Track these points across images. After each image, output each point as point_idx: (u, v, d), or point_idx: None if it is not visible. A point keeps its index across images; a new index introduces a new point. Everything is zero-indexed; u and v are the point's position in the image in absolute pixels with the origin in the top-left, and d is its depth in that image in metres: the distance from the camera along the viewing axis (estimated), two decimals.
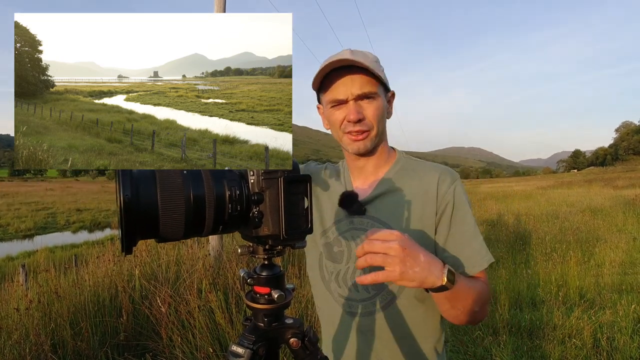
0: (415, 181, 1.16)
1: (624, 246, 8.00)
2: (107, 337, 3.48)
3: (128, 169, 0.58)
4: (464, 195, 1.13)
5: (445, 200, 1.11)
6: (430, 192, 1.13)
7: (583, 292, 5.32)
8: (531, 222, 10.75)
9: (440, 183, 1.13)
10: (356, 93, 1.09)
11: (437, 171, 1.16)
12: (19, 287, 4.53)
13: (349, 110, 1.11)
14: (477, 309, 1.01)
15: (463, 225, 1.10)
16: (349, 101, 1.11)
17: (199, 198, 0.61)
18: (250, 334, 0.74)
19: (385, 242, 0.85)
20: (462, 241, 1.10)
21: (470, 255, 1.09)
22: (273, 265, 0.76)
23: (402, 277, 0.84)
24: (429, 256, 0.89)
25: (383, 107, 1.14)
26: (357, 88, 1.09)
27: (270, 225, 0.67)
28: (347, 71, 1.09)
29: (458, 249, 1.10)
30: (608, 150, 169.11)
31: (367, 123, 1.12)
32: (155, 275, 4.26)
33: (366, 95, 1.10)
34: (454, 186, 1.13)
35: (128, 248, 0.58)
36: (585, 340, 3.79)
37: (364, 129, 1.12)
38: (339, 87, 1.11)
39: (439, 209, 1.11)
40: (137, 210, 0.57)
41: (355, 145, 1.14)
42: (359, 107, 1.11)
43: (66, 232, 24.34)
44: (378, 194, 1.17)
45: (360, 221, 1.17)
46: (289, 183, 0.67)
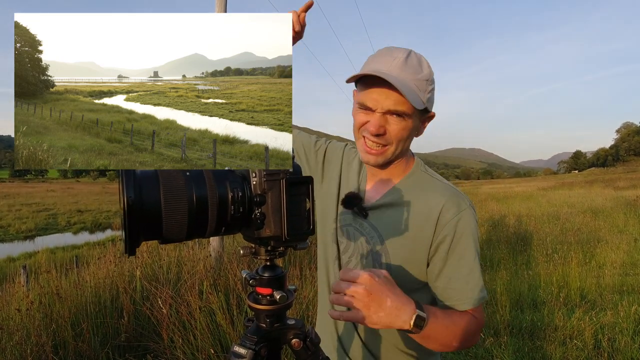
0: (421, 201, 1.12)
1: (625, 247, 8.00)
2: (108, 338, 3.48)
3: (129, 169, 0.58)
4: (468, 228, 1.08)
5: (445, 231, 1.07)
6: (431, 217, 1.09)
7: (584, 293, 5.32)
8: (532, 223, 10.74)
9: (443, 211, 1.08)
10: (387, 108, 1.03)
11: (444, 197, 1.10)
12: (20, 288, 4.53)
13: (372, 120, 1.05)
14: (456, 344, 1.00)
15: (460, 260, 1.07)
16: (376, 112, 1.05)
17: (201, 199, 0.62)
18: (252, 334, 0.75)
19: (353, 285, 0.88)
20: (457, 276, 1.06)
21: (462, 292, 1.05)
22: (275, 267, 0.76)
23: (365, 321, 0.88)
24: (398, 300, 0.89)
25: (412, 128, 1.08)
26: (391, 104, 1.02)
27: (272, 227, 0.67)
28: (388, 83, 0.99)
29: (451, 282, 1.07)
30: (609, 151, 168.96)
31: (387, 138, 1.06)
32: (157, 277, 4.27)
33: (397, 113, 1.04)
34: (457, 217, 1.07)
35: (131, 249, 0.58)
36: (586, 342, 3.79)
37: (382, 143, 1.07)
38: (373, 94, 1.04)
39: (436, 238, 1.08)
40: (141, 211, 0.57)
41: (366, 156, 1.11)
42: (384, 121, 1.05)
43: (67, 233, 24.39)
44: (383, 204, 1.15)
45: (360, 223, 1.18)
46: (290, 185, 0.67)
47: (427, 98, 1.06)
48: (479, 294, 1.06)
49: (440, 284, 1.08)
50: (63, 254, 11.41)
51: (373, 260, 1.14)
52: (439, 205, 1.08)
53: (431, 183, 1.16)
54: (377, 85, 1.02)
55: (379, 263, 1.13)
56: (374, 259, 1.14)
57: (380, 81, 1.00)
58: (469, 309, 1.05)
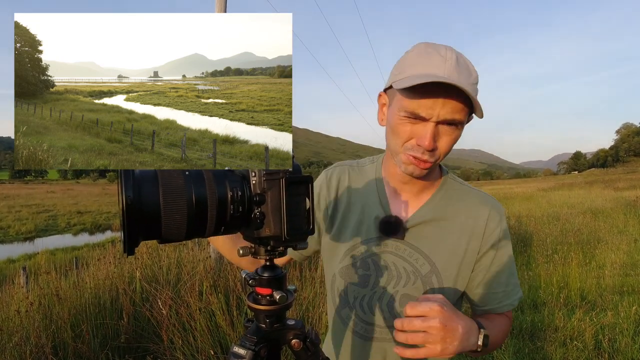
0: (463, 212, 1.08)
1: (625, 248, 8.00)
2: (107, 339, 3.48)
3: (129, 169, 0.58)
4: (507, 233, 1.09)
5: (491, 239, 1.06)
6: (478, 228, 1.06)
7: (584, 294, 5.32)
8: (532, 224, 10.74)
9: (489, 220, 1.07)
10: (443, 117, 0.91)
11: (487, 206, 1.08)
12: (20, 290, 4.53)
13: (424, 133, 0.93)
14: (496, 347, 1.05)
15: (501, 266, 1.07)
16: (429, 121, 0.92)
17: (201, 199, 0.62)
18: (252, 335, 0.74)
19: (425, 319, 0.82)
20: (499, 281, 1.07)
21: (503, 295, 1.07)
22: (275, 267, 0.76)
23: (442, 354, 0.83)
24: (466, 325, 0.87)
25: (459, 136, 0.98)
26: (448, 112, 0.90)
27: (271, 226, 0.67)
28: (444, 87, 0.88)
29: (493, 287, 1.07)
30: (609, 151, 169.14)
31: (437, 154, 0.96)
32: (156, 278, 4.27)
33: (452, 122, 0.92)
34: (501, 225, 1.08)
35: (130, 249, 0.58)
36: (586, 342, 3.79)
37: (430, 160, 0.96)
38: (428, 102, 0.90)
39: (482, 247, 1.06)
40: (140, 211, 0.57)
41: (412, 169, 0.98)
42: (437, 135, 0.94)
43: (67, 235, 24.38)
44: (421, 221, 1.07)
45: (396, 246, 1.07)
46: (290, 184, 0.67)
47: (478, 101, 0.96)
48: (517, 295, 1.09)
49: (482, 291, 1.08)
50: (63, 255, 11.41)
51: (423, 284, 1.05)
52: (484, 216, 1.07)
53: (466, 192, 1.12)
54: (433, 92, 0.89)
55: (431, 286, 1.05)
56: (425, 283, 1.05)
57: (435, 87, 0.88)
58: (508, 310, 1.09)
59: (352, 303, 1.11)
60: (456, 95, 0.89)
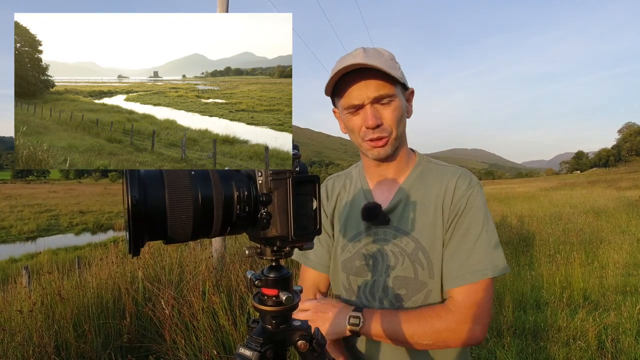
0: (434, 187, 1.12)
1: (627, 247, 7.98)
2: (110, 339, 3.48)
3: (131, 169, 0.57)
4: (477, 202, 1.08)
5: (457, 207, 1.08)
6: (447, 197, 1.09)
7: (587, 294, 5.30)
8: (534, 224, 10.72)
9: (457, 188, 1.10)
10: (372, 96, 1.04)
11: (455, 175, 1.12)
12: (22, 289, 4.53)
13: (366, 116, 1.06)
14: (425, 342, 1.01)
15: (465, 235, 1.06)
16: (365, 105, 1.05)
17: (207, 199, 0.61)
18: (258, 336, 0.74)
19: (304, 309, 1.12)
20: (459, 252, 1.05)
21: (460, 269, 1.04)
22: (281, 267, 0.75)
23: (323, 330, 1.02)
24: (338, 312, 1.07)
25: (402, 107, 1.09)
26: (373, 91, 1.04)
27: (278, 227, 0.66)
28: (361, 74, 1.03)
29: (452, 258, 1.06)
30: (611, 151, 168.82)
31: (386, 128, 1.07)
32: (159, 277, 4.27)
33: (383, 97, 1.04)
34: (469, 192, 1.09)
35: (136, 249, 0.57)
36: (589, 342, 3.77)
37: (383, 135, 1.07)
38: (354, 91, 1.05)
39: (450, 214, 1.08)
40: (145, 211, 0.56)
41: (375, 151, 1.10)
42: (376, 112, 1.05)
43: (69, 234, 24.43)
44: (398, 202, 1.13)
45: (384, 232, 1.13)
46: (297, 183, 0.66)
47: (400, 74, 1.08)
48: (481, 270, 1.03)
49: (446, 262, 1.07)
50: (65, 255, 11.43)
51: (412, 263, 1.10)
52: (452, 182, 1.10)
53: (441, 169, 1.17)
54: (354, 81, 1.04)
55: (419, 263, 1.09)
56: (412, 261, 1.10)
57: (354, 78, 1.04)
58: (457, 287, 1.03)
59: (357, 293, 1.17)
60: (373, 76, 1.03)
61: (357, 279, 1.16)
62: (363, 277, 1.15)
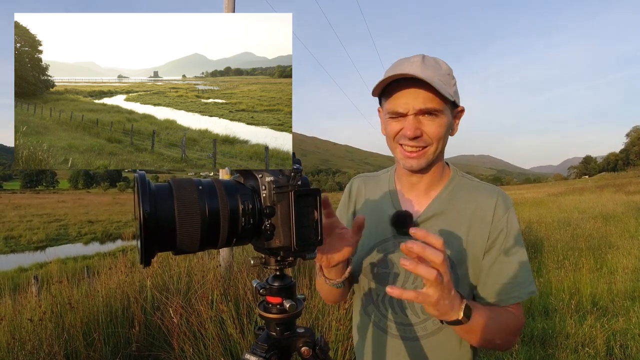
0: (471, 203, 1.12)
1: (636, 252, 7.90)
2: (119, 348, 3.51)
3: (144, 180, 0.60)
4: (516, 224, 1.10)
5: (498, 228, 1.08)
6: (486, 217, 1.09)
7: (596, 300, 5.26)
8: (543, 230, 10.65)
9: (497, 208, 1.10)
10: (418, 108, 1.02)
11: (494, 196, 1.12)
12: (32, 298, 4.57)
13: (406, 125, 1.04)
14: (498, 340, 1.01)
15: (510, 256, 1.08)
16: (408, 115, 1.03)
17: (214, 212, 0.64)
18: (262, 342, 0.77)
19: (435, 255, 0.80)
20: (507, 272, 1.07)
21: (509, 287, 1.06)
22: (284, 276, 0.78)
23: (436, 305, 0.83)
24: (454, 291, 0.87)
25: (447, 124, 1.06)
26: (420, 103, 1.01)
27: (281, 238, 0.69)
28: (413, 82, 1.00)
29: (500, 278, 1.07)
30: (619, 155, 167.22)
31: (426, 139, 1.05)
32: (167, 286, 4.30)
33: (429, 111, 1.02)
34: (508, 214, 1.10)
35: (147, 260, 0.61)
36: (598, 349, 3.75)
37: (421, 145, 1.05)
38: (401, 98, 1.03)
39: (491, 236, 1.08)
40: (156, 224, 0.60)
41: (408, 162, 1.08)
42: (418, 123, 1.04)
43: (78, 244, 24.56)
44: (431, 215, 1.12)
45: None
46: (299, 196, 0.69)
47: (454, 91, 1.06)
48: (527, 289, 1.07)
49: (490, 281, 1.08)
50: (74, 264, 11.50)
51: None
52: (492, 204, 1.10)
53: (476, 186, 1.17)
54: (403, 87, 1.02)
55: None
56: None
57: (405, 84, 1.02)
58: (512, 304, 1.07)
59: (375, 300, 1.17)
60: (425, 88, 1.00)
61: (377, 287, 1.16)
62: (382, 285, 1.15)
